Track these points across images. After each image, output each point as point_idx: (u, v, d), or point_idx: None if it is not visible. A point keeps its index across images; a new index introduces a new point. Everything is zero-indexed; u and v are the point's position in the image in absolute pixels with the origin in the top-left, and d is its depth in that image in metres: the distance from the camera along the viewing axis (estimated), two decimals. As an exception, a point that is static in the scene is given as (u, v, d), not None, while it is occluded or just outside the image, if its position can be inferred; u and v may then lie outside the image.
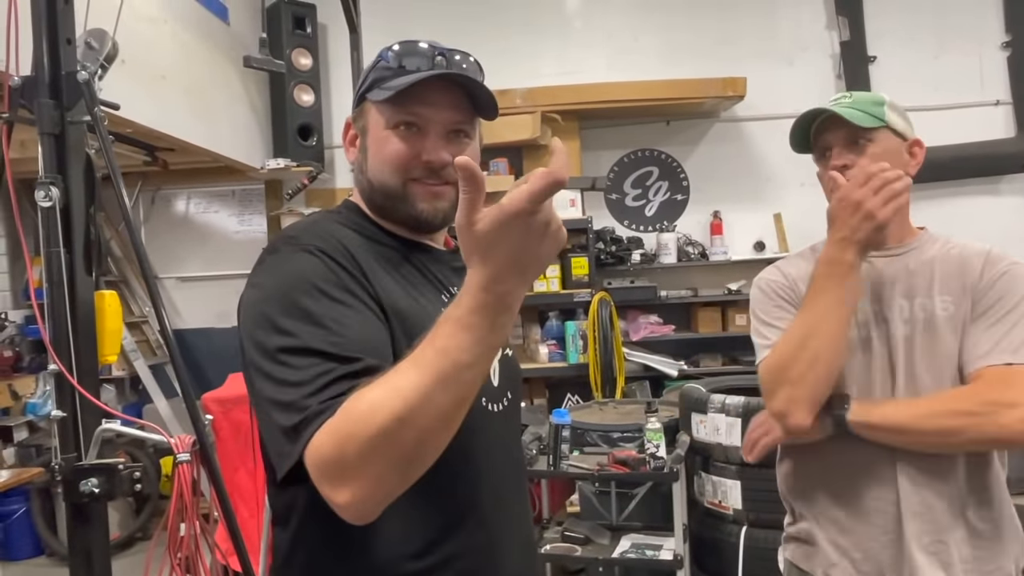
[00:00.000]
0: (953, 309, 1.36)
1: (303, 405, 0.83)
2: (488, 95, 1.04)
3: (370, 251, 1.02)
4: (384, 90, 1.02)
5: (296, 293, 0.91)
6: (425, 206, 1.06)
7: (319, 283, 0.92)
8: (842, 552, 1.40)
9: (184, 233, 5.09)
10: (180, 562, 1.68)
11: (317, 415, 0.81)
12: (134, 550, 4.29)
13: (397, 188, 1.05)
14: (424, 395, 0.75)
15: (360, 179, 1.09)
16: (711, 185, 4.75)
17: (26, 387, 4.43)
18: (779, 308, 1.45)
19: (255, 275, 0.98)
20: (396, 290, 0.99)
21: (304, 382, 0.84)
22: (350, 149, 1.12)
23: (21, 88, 1.77)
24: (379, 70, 1.05)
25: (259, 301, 0.94)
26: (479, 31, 4.73)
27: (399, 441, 0.76)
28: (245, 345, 0.94)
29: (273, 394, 0.86)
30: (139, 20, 3.23)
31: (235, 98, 4.23)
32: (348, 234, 1.02)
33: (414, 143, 1.04)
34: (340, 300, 0.91)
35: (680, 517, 2.74)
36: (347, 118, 1.13)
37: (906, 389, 1.36)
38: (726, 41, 4.69)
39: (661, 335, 4.47)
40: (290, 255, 0.96)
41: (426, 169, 1.04)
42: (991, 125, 4.45)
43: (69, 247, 1.73)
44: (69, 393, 1.70)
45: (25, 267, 4.79)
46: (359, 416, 0.77)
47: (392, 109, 1.03)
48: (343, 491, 0.78)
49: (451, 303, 0.77)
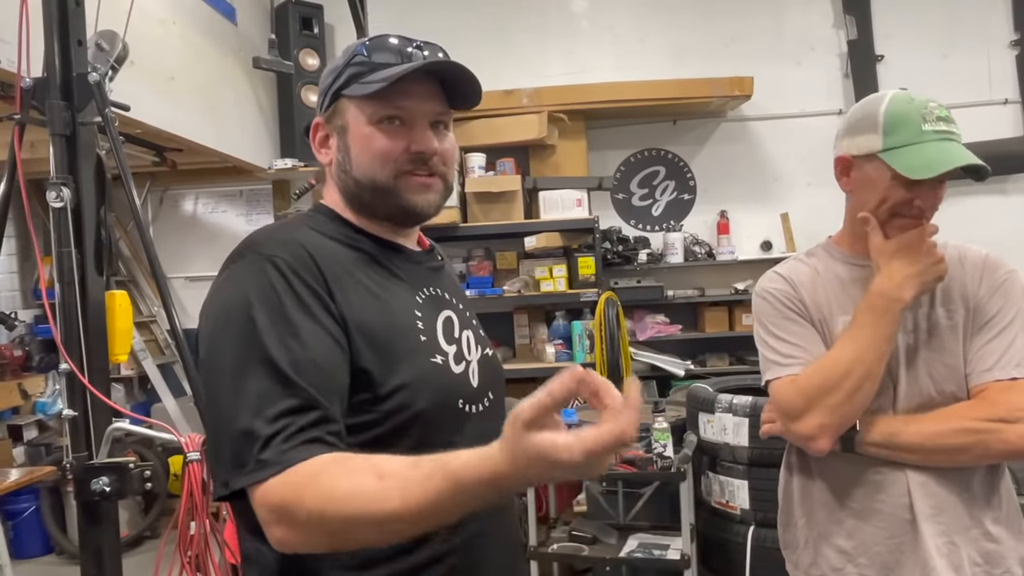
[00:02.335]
0: (956, 318, 1.35)
1: (258, 437, 0.85)
2: (475, 84, 1.04)
3: (341, 257, 1.02)
4: (367, 84, 1.01)
5: (258, 309, 0.91)
6: (417, 198, 1.05)
7: (283, 298, 0.93)
8: (847, 557, 1.39)
9: (192, 233, 5.11)
10: (190, 560, 1.69)
11: (273, 464, 0.84)
12: (143, 549, 4.31)
13: (387, 182, 1.04)
14: (403, 519, 0.78)
15: (342, 178, 1.07)
16: (718, 185, 4.75)
17: (36, 386, 4.46)
18: (789, 321, 1.41)
19: (218, 283, 0.99)
20: (364, 299, 0.99)
21: (259, 411, 0.86)
22: (322, 151, 1.10)
23: (32, 89, 1.78)
24: (354, 66, 1.03)
25: (219, 310, 0.95)
26: (486, 31, 4.74)
27: (356, 535, 0.82)
28: (202, 350, 0.96)
29: (228, 411, 0.88)
30: (148, 22, 3.24)
31: (243, 99, 4.25)
32: (320, 241, 1.02)
33: (401, 136, 1.03)
34: (299, 319, 0.92)
35: (687, 517, 2.74)
36: (315, 120, 1.11)
37: (906, 399, 1.35)
38: (733, 40, 4.68)
39: (668, 335, 4.46)
40: (251, 266, 0.96)
41: (416, 160, 1.04)
42: (999, 124, 4.42)
43: (80, 247, 1.74)
44: (80, 392, 1.71)
45: (35, 267, 4.82)
46: (334, 496, 0.80)
47: (375, 104, 1.02)
48: (280, 531, 0.84)
49: (473, 458, 0.77)
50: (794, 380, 1.35)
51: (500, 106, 4.25)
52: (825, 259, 1.48)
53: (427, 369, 1.00)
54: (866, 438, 1.32)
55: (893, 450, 1.32)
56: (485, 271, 4.45)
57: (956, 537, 1.33)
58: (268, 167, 4.48)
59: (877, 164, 1.32)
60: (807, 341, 1.39)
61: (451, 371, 1.04)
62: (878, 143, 1.31)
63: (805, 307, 1.42)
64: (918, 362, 1.35)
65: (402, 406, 0.96)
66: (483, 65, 4.76)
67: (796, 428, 1.33)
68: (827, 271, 1.45)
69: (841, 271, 1.44)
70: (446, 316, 1.10)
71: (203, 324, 0.96)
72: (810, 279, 1.44)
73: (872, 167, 1.33)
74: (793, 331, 1.40)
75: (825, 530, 1.42)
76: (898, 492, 1.34)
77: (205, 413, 0.95)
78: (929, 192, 1.32)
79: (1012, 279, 1.36)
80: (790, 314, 1.42)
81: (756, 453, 2.68)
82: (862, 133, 1.35)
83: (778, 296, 1.44)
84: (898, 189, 1.31)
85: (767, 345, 1.43)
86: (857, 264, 1.43)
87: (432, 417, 0.98)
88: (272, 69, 3.92)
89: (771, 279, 1.48)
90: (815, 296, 1.43)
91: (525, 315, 4.59)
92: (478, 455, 0.76)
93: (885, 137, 1.31)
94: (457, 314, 1.13)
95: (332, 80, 1.06)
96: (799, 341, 1.39)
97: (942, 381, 1.34)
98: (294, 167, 4.48)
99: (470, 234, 4.29)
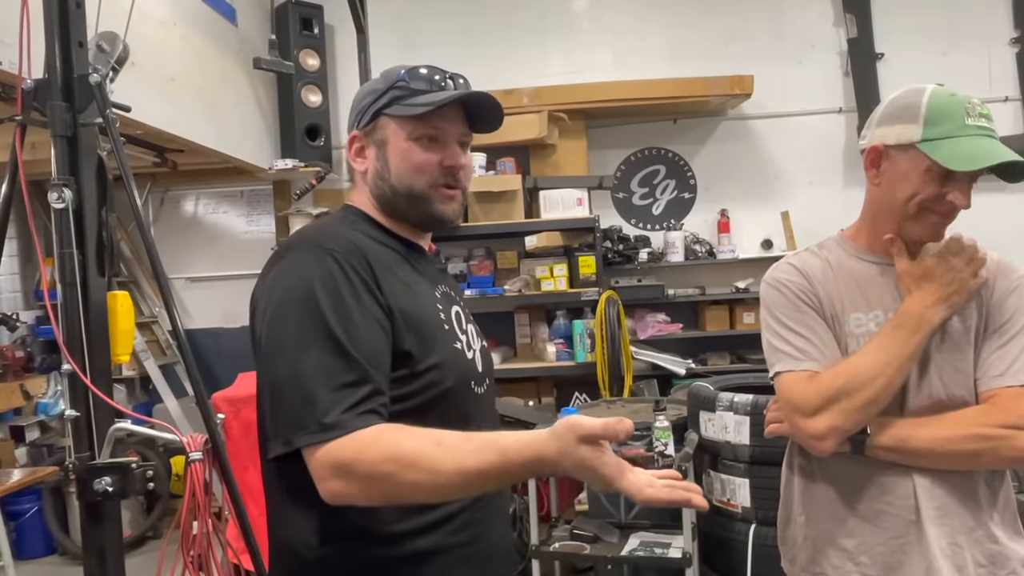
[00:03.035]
0: (969, 323, 1.35)
1: (321, 403, 0.98)
2: (498, 111, 1.22)
3: (381, 255, 1.16)
4: (411, 106, 1.17)
5: (321, 292, 1.04)
6: (445, 207, 1.22)
7: (340, 285, 1.06)
8: (847, 555, 1.38)
9: (193, 234, 5.11)
10: (193, 560, 1.70)
11: (336, 427, 0.97)
12: (145, 549, 4.32)
13: (423, 191, 1.19)
14: (453, 480, 0.96)
15: (379, 185, 1.21)
16: (718, 183, 4.75)
17: (38, 387, 4.46)
18: (802, 313, 1.38)
19: (276, 270, 1.11)
20: (400, 289, 1.14)
21: (322, 381, 1.00)
22: (358, 160, 1.25)
23: (34, 91, 1.78)
24: (396, 90, 1.19)
25: (283, 291, 1.07)
26: (486, 31, 4.74)
27: (409, 489, 0.97)
28: (263, 326, 1.07)
29: (291, 378, 1.01)
30: (148, 23, 3.24)
31: (243, 99, 4.25)
32: (363, 240, 1.16)
33: (435, 151, 1.19)
34: (354, 305, 1.06)
35: (689, 515, 2.75)
36: (353, 132, 1.25)
37: (915, 401, 1.34)
38: (733, 39, 4.68)
39: (669, 333, 4.46)
40: (311, 255, 1.09)
41: (447, 174, 1.20)
42: (1000, 122, 4.33)
43: (82, 248, 1.74)
44: (82, 393, 1.71)
45: (36, 268, 4.82)
46: (397, 453, 0.96)
47: (414, 123, 1.18)
48: (336, 484, 0.97)
49: (522, 440, 0.97)
50: (812, 377, 1.33)
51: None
52: (837, 253, 1.45)
53: (452, 352, 1.17)
54: (876, 441, 1.32)
55: (903, 454, 1.31)
56: (486, 271, 4.46)
57: (960, 539, 1.33)
58: (269, 167, 4.49)
59: (913, 155, 1.29)
60: (820, 337, 1.37)
61: (466, 356, 1.22)
62: (917, 133, 1.29)
63: (819, 301, 1.39)
64: (929, 365, 1.34)
65: (434, 382, 1.12)
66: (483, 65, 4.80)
67: (806, 425, 1.31)
68: (840, 266, 1.43)
69: (854, 267, 1.42)
70: (456, 310, 1.27)
71: (265, 303, 1.08)
72: (822, 272, 1.42)
73: (907, 158, 1.31)
74: (808, 324, 1.37)
75: (827, 529, 1.41)
76: (904, 494, 1.34)
77: (262, 381, 1.06)
78: (963, 187, 1.30)
79: (1023, 285, 1.36)
80: (804, 307, 1.38)
81: (757, 451, 2.68)
82: (900, 123, 1.32)
83: (792, 288, 1.40)
84: (931, 183, 1.29)
85: (779, 336, 1.39)
86: (871, 261, 1.41)
87: (455, 393, 1.15)
88: (272, 69, 3.93)
89: (784, 270, 1.44)
90: (828, 290, 1.40)
91: (526, 314, 4.59)
92: (527, 439, 0.96)
93: (926, 128, 1.28)
94: (462, 309, 1.30)
95: (373, 100, 1.21)
96: (812, 336, 1.36)
97: (952, 385, 1.34)
98: (294, 167, 4.48)
99: (471, 234, 4.29)
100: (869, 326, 1.37)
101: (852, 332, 1.38)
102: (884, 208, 1.37)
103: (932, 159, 1.27)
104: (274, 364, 1.04)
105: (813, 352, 1.36)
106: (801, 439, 1.36)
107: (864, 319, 1.38)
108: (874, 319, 1.38)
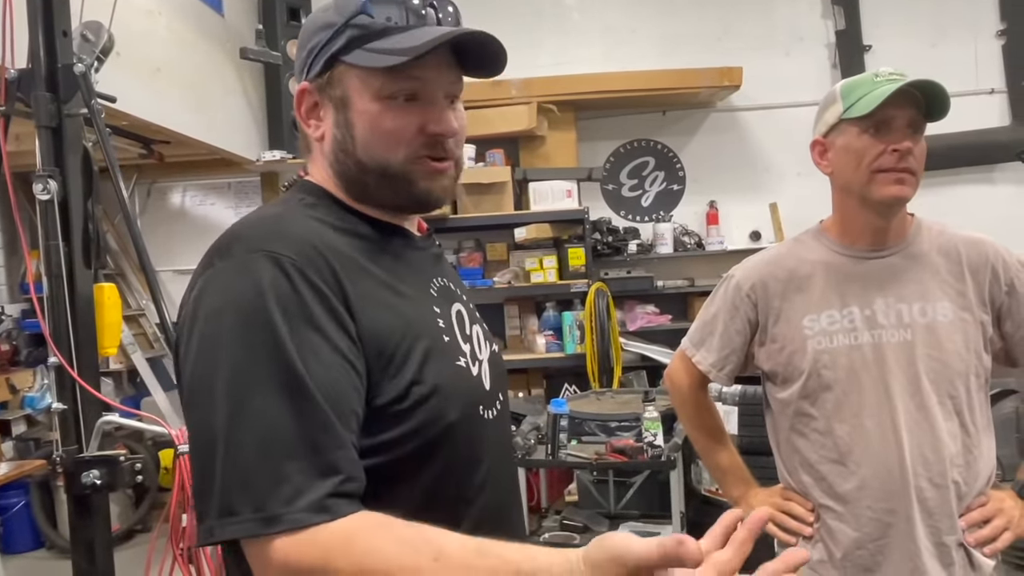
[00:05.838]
0: (961, 311, 1.36)
1: (267, 480, 0.72)
2: (500, 52, 0.93)
3: (349, 250, 0.87)
4: (378, 53, 0.86)
5: (263, 318, 0.76)
6: (432, 184, 0.92)
7: (290, 307, 0.77)
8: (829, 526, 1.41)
9: (180, 226, 5.07)
10: (182, 553, 1.69)
11: (285, 519, 0.71)
12: (133, 543, 4.30)
13: (399, 167, 0.89)
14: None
15: (341, 159, 0.91)
16: (707, 175, 4.75)
17: (24, 381, 4.43)
18: (731, 316, 1.51)
19: (203, 282, 0.83)
20: (379, 296, 0.86)
21: (268, 446, 0.73)
22: (311, 122, 0.94)
23: (17, 81, 1.77)
24: (355, 28, 0.87)
25: (214, 318, 0.79)
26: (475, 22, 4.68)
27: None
28: (192, 369, 0.79)
29: (222, 440, 0.74)
30: (134, 12, 3.21)
31: (230, 90, 4.22)
32: (319, 230, 0.86)
33: (415, 115, 0.89)
34: (313, 336, 0.77)
35: (678, 505, 2.76)
36: (301, 85, 0.93)
37: (901, 397, 1.34)
38: (722, 31, 4.68)
39: (658, 325, 4.48)
40: (252, 264, 0.79)
41: (432, 143, 0.90)
42: (986, 114, 4.44)
43: (68, 240, 1.73)
44: (70, 386, 1.71)
45: (22, 261, 4.78)
46: (377, 567, 0.69)
47: (386, 76, 0.86)
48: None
49: (552, 567, 0.67)
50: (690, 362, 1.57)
51: (489, 97, 4.23)
52: (813, 247, 1.48)
53: (453, 374, 0.88)
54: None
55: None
56: (475, 263, 4.45)
57: (946, 538, 1.35)
58: (256, 159, 4.46)
59: (844, 128, 1.37)
60: (728, 345, 1.52)
61: (471, 374, 0.92)
62: (840, 109, 1.37)
63: (764, 312, 1.47)
64: (918, 361, 1.35)
65: (432, 418, 0.84)
66: (472, 56, 4.64)
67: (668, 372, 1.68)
68: (814, 263, 1.45)
69: (830, 261, 1.44)
70: (457, 310, 0.98)
71: (188, 331, 0.80)
72: (788, 276, 1.45)
73: (841, 136, 1.38)
74: (727, 326, 1.51)
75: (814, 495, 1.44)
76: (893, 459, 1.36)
77: (190, 435, 0.79)
78: (899, 136, 1.32)
79: (997, 248, 1.43)
80: (736, 313, 1.50)
81: (746, 441, 2.70)
82: (826, 111, 1.41)
83: (742, 290, 1.51)
84: (870, 142, 1.33)
85: (704, 322, 1.58)
86: (844, 254, 1.43)
87: (459, 429, 0.87)
88: (260, 60, 3.90)
89: (748, 270, 1.54)
90: (785, 294, 1.45)
91: (515, 306, 4.59)
92: (557, 566, 0.67)
93: (844, 101, 1.36)
94: (464, 307, 1.01)
95: (326, 40, 0.89)
96: (722, 337, 1.52)
97: (945, 379, 1.35)
98: (283, 159, 4.45)
99: (460, 225, 4.28)
100: (822, 323, 1.39)
101: (807, 334, 1.41)
102: (845, 190, 1.41)
103: (856, 119, 1.33)
104: (200, 418, 0.76)
105: (712, 345, 1.54)
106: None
107: (818, 319, 1.40)
108: (847, 316, 1.39)
